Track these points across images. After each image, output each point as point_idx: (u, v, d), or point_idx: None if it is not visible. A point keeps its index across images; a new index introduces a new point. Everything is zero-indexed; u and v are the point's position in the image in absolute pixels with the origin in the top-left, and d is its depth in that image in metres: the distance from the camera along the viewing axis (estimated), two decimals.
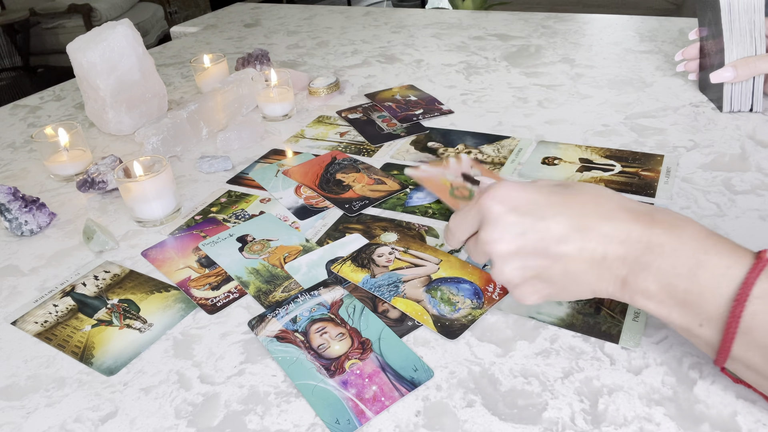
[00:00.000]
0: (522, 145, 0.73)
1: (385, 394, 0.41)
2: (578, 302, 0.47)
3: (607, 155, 0.68)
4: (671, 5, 2.94)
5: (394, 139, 0.78)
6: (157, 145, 0.76)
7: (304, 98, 0.94)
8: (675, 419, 0.38)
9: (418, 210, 0.62)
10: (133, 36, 0.84)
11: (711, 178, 0.62)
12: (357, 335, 0.46)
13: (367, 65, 1.06)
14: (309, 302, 0.50)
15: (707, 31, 0.77)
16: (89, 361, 0.47)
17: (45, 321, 0.52)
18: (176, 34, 1.45)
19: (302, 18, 1.42)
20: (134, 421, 0.41)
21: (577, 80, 0.90)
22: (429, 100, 0.88)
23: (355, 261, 0.54)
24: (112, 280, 0.56)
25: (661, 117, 0.76)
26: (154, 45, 3.54)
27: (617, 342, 0.44)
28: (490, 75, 0.96)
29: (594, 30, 1.14)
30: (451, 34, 1.20)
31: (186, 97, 0.99)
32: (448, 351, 0.44)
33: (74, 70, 0.84)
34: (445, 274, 0.52)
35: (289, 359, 0.45)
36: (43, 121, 0.96)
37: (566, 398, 0.40)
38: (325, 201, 0.65)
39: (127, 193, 0.62)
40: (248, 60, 1.00)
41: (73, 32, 3.78)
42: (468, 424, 0.39)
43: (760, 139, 0.69)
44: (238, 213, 0.65)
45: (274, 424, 0.40)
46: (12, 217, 0.63)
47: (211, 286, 0.54)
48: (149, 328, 0.50)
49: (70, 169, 0.75)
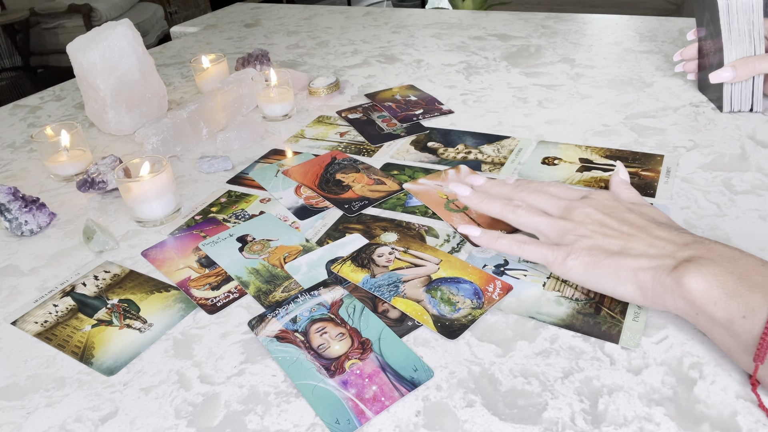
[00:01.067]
0: (522, 145, 0.73)
1: (385, 394, 0.41)
2: (578, 302, 0.47)
3: (607, 155, 0.68)
4: (671, 5, 2.94)
5: (394, 139, 0.78)
6: (157, 145, 0.76)
7: (304, 98, 0.94)
8: (675, 419, 0.38)
9: (418, 210, 0.62)
10: (133, 36, 0.84)
11: (711, 178, 0.62)
12: (357, 335, 0.46)
13: (367, 65, 1.06)
14: (309, 302, 0.50)
15: (705, 31, 0.77)
16: (89, 361, 0.47)
17: (45, 321, 0.52)
18: (176, 34, 1.45)
19: (302, 18, 1.42)
20: (134, 421, 0.41)
21: (577, 80, 0.90)
22: (429, 100, 0.88)
23: (355, 261, 0.54)
24: (112, 280, 0.56)
25: (661, 117, 0.76)
26: (154, 45, 3.55)
27: (617, 342, 0.44)
28: (490, 75, 0.96)
29: (594, 30, 1.14)
30: (451, 34, 1.20)
31: (186, 97, 0.99)
32: (448, 351, 0.44)
33: (74, 70, 0.84)
34: (445, 274, 0.52)
35: (289, 359, 0.45)
36: (43, 121, 0.96)
37: (566, 398, 0.40)
38: (325, 201, 0.65)
39: (127, 193, 0.62)
40: (248, 60, 1.00)
41: (73, 32, 3.78)
42: (468, 424, 0.39)
43: (760, 139, 0.69)
44: (238, 213, 0.65)
45: (274, 424, 0.40)
46: (12, 217, 0.63)
47: (211, 286, 0.54)
48: (149, 328, 0.50)
49: (70, 169, 0.76)
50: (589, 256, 0.45)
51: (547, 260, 0.47)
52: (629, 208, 0.49)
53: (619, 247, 0.45)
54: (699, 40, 0.80)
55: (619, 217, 0.47)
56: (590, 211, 0.48)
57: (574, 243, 0.46)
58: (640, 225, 0.46)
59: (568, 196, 0.52)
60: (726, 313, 0.38)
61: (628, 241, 0.45)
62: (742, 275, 0.39)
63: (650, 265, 0.43)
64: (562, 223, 0.49)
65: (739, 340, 0.38)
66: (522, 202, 0.52)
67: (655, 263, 0.42)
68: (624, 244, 0.45)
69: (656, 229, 0.45)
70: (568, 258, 0.46)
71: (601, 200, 0.50)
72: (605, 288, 0.45)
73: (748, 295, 0.38)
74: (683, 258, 0.41)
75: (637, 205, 0.50)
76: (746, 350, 0.38)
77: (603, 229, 0.47)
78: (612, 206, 0.49)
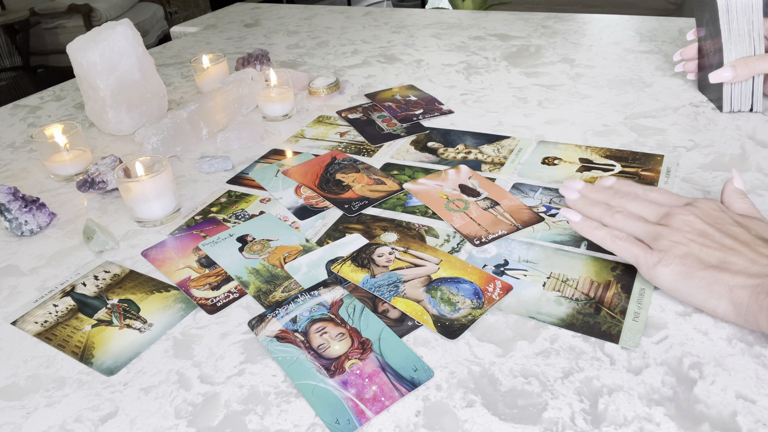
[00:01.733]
0: (522, 145, 0.73)
1: (385, 394, 0.41)
2: (578, 302, 0.47)
3: (607, 155, 0.68)
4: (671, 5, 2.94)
5: (394, 139, 0.78)
6: (157, 145, 0.76)
7: (304, 98, 0.94)
8: (675, 419, 0.38)
9: (418, 210, 0.62)
10: (133, 36, 0.84)
11: (711, 178, 0.62)
12: (357, 335, 0.46)
13: (367, 65, 1.06)
14: (309, 302, 0.50)
15: (705, 31, 0.77)
16: (89, 361, 0.47)
17: (45, 321, 0.52)
18: (176, 34, 1.45)
19: (302, 18, 1.42)
20: (134, 421, 0.41)
21: (577, 80, 0.90)
22: (429, 100, 0.88)
23: (355, 261, 0.54)
24: (112, 280, 0.56)
25: (661, 117, 0.76)
26: (154, 45, 3.55)
27: (617, 342, 0.44)
28: (490, 75, 0.96)
29: (594, 30, 1.14)
30: (451, 34, 1.20)
31: (186, 97, 0.99)
32: (448, 351, 0.44)
33: (74, 70, 0.84)
34: (445, 274, 0.52)
35: (289, 359, 0.45)
36: (43, 121, 0.96)
37: (566, 398, 0.40)
38: (325, 201, 0.65)
39: (127, 193, 0.62)
40: (248, 60, 1.00)
41: (73, 32, 3.78)
42: (468, 424, 0.39)
43: (760, 139, 0.69)
44: (238, 213, 0.65)
45: (274, 424, 0.40)
46: (12, 217, 0.63)
47: (211, 286, 0.54)
48: (149, 328, 0.50)
49: (70, 169, 0.76)
50: (682, 266, 0.43)
51: (638, 262, 0.46)
52: (737, 221, 0.46)
53: (717, 260, 0.43)
54: (699, 40, 0.80)
55: (723, 229, 0.45)
56: (692, 219, 0.46)
57: (669, 249, 0.45)
58: (744, 240, 0.44)
59: (670, 202, 0.50)
60: None
61: (728, 255, 0.43)
62: None
63: (749, 283, 0.41)
64: (658, 229, 0.47)
65: None
66: (621, 207, 0.51)
67: (755, 282, 0.41)
68: (723, 257, 0.43)
69: (762, 246, 0.43)
70: (659, 264, 0.44)
71: (706, 209, 0.47)
72: (695, 301, 0.44)
73: None
74: None
75: (748, 218, 0.47)
76: None
77: (702, 239, 0.44)
78: (717, 216, 0.47)
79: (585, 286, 0.49)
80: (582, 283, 0.49)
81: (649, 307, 0.46)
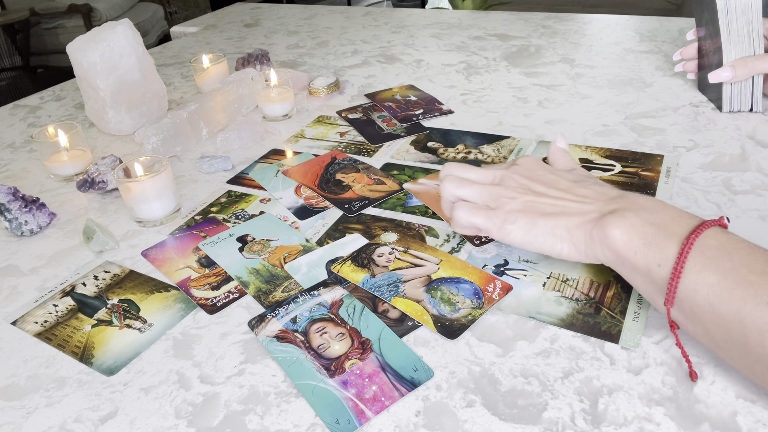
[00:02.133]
0: (522, 145, 0.73)
1: (385, 394, 0.41)
2: (578, 302, 0.47)
3: (607, 155, 0.68)
4: (671, 5, 2.94)
5: (394, 139, 0.78)
6: (157, 145, 0.76)
7: (304, 98, 0.94)
8: (675, 419, 0.38)
9: (418, 210, 0.62)
10: (133, 36, 0.84)
11: (711, 178, 0.62)
12: (357, 335, 0.46)
13: (367, 65, 1.06)
14: (309, 302, 0.50)
15: (704, 31, 0.77)
16: (89, 361, 0.47)
17: (45, 321, 0.52)
18: (176, 34, 1.45)
19: (302, 18, 1.42)
20: (134, 421, 0.41)
21: (577, 80, 0.90)
22: (429, 100, 0.88)
23: (355, 261, 0.54)
24: (112, 280, 0.56)
25: (661, 117, 0.76)
26: (154, 45, 3.55)
27: (617, 342, 0.44)
28: (490, 75, 0.96)
29: (594, 30, 1.14)
30: (451, 34, 1.20)
31: (186, 97, 0.99)
32: (448, 351, 0.44)
33: (74, 70, 0.84)
34: (445, 274, 0.52)
35: (289, 359, 0.45)
36: (43, 121, 0.96)
37: (566, 398, 0.40)
38: (325, 201, 0.65)
39: (127, 193, 0.62)
40: (248, 60, 1.00)
41: (73, 32, 3.78)
42: (468, 424, 0.39)
43: (760, 139, 0.69)
44: (238, 213, 0.65)
45: (274, 424, 0.40)
46: (12, 217, 0.63)
47: (211, 286, 0.54)
48: (149, 328, 0.50)
49: (70, 169, 0.76)
50: (526, 217, 0.46)
51: (486, 227, 0.48)
52: (551, 171, 0.51)
53: (551, 208, 0.47)
54: (698, 40, 0.80)
55: (544, 180, 0.49)
56: (516, 176, 0.50)
57: (506, 205, 0.48)
58: (564, 186, 0.48)
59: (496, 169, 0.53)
60: (644, 261, 0.40)
61: (558, 201, 0.47)
62: (661, 225, 0.40)
63: (581, 221, 0.44)
64: (492, 189, 0.50)
65: (657, 287, 0.40)
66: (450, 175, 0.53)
67: (584, 219, 0.44)
68: (554, 203, 0.47)
69: (581, 187, 0.47)
70: (505, 222, 0.47)
71: (526, 165, 0.51)
72: (543, 248, 0.46)
73: (665, 244, 0.39)
74: (608, 210, 0.43)
75: (565, 171, 0.51)
76: (662, 296, 0.40)
77: (531, 191, 0.48)
78: (534, 169, 0.51)
79: (585, 286, 0.49)
80: (582, 283, 0.49)
81: (649, 307, 0.46)
